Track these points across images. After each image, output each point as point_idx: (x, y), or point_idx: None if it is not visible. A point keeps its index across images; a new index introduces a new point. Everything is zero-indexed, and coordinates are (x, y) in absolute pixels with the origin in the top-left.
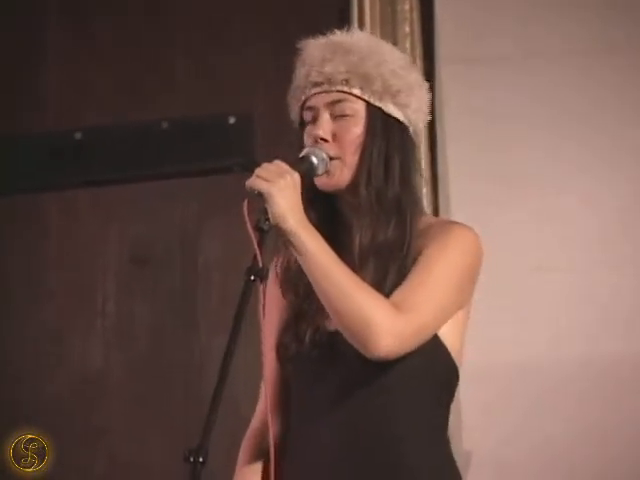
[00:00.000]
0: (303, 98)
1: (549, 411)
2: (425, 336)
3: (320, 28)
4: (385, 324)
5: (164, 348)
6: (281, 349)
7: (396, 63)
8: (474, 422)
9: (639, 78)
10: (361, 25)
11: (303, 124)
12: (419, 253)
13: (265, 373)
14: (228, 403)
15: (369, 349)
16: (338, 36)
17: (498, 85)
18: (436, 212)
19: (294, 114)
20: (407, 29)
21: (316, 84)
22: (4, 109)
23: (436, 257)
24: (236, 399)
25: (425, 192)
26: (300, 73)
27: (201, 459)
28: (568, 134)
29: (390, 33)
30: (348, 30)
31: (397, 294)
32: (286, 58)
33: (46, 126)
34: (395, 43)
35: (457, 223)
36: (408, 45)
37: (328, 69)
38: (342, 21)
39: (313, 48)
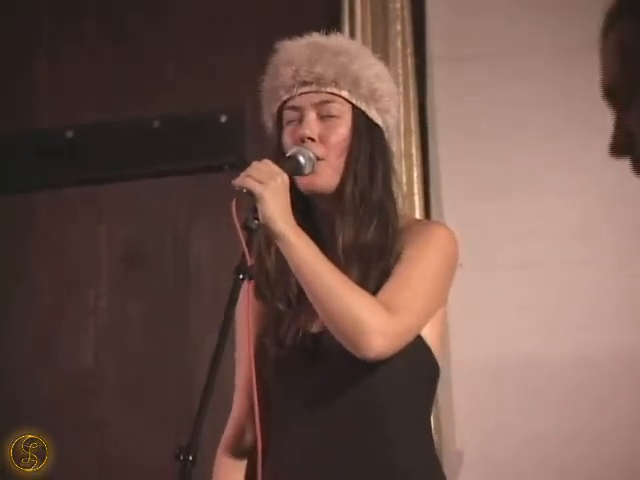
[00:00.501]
0: (286, 97)
1: (540, 408)
2: (412, 335)
3: (309, 27)
4: (375, 324)
5: (156, 346)
6: (260, 353)
7: (380, 68)
8: (465, 420)
9: None
10: (352, 24)
11: (281, 123)
12: (400, 252)
13: (237, 380)
14: (218, 401)
15: (361, 349)
16: (320, 38)
17: (490, 84)
18: (427, 211)
19: (269, 114)
20: (398, 27)
21: (305, 83)
22: None
23: (418, 257)
24: (226, 397)
25: (417, 191)
26: (283, 72)
27: (190, 457)
28: (558, 133)
29: (381, 32)
30: (328, 32)
31: (383, 294)
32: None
33: (40, 125)
34: (386, 42)
35: (436, 223)
36: (399, 44)
37: (318, 69)
38: (332, 20)
39: (297, 48)
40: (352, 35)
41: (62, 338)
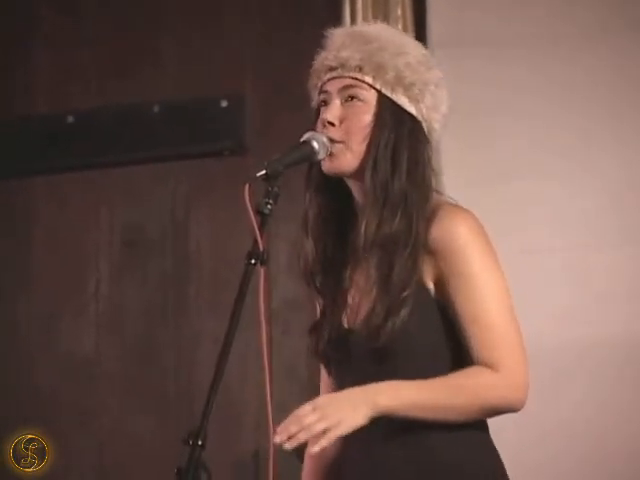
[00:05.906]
0: (319, 83)
1: (551, 395)
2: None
3: (311, 11)
4: (514, 398)
5: (156, 331)
6: (310, 350)
7: (415, 57)
8: None
9: (618, 65)
10: (353, 7)
11: (319, 108)
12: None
13: None
14: (220, 389)
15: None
16: (361, 26)
17: (491, 69)
18: None
19: (315, 101)
20: (399, 12)
21: (331, 68)
22: None
23: (480, 287)
24: (227, 383)
25: None
26: (317, 59)
27: (200, 442)
28: (558, 120)
29: (382, 16)
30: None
31: (482, 354)
32: (275, 41)
33: (35, 110)
34: None
35: (455, 221)
36: (400, 28)
37: (344, 54)
38: (334, 4)
39: (335, 36)
40: (353, 19)
41: (63, 324)
